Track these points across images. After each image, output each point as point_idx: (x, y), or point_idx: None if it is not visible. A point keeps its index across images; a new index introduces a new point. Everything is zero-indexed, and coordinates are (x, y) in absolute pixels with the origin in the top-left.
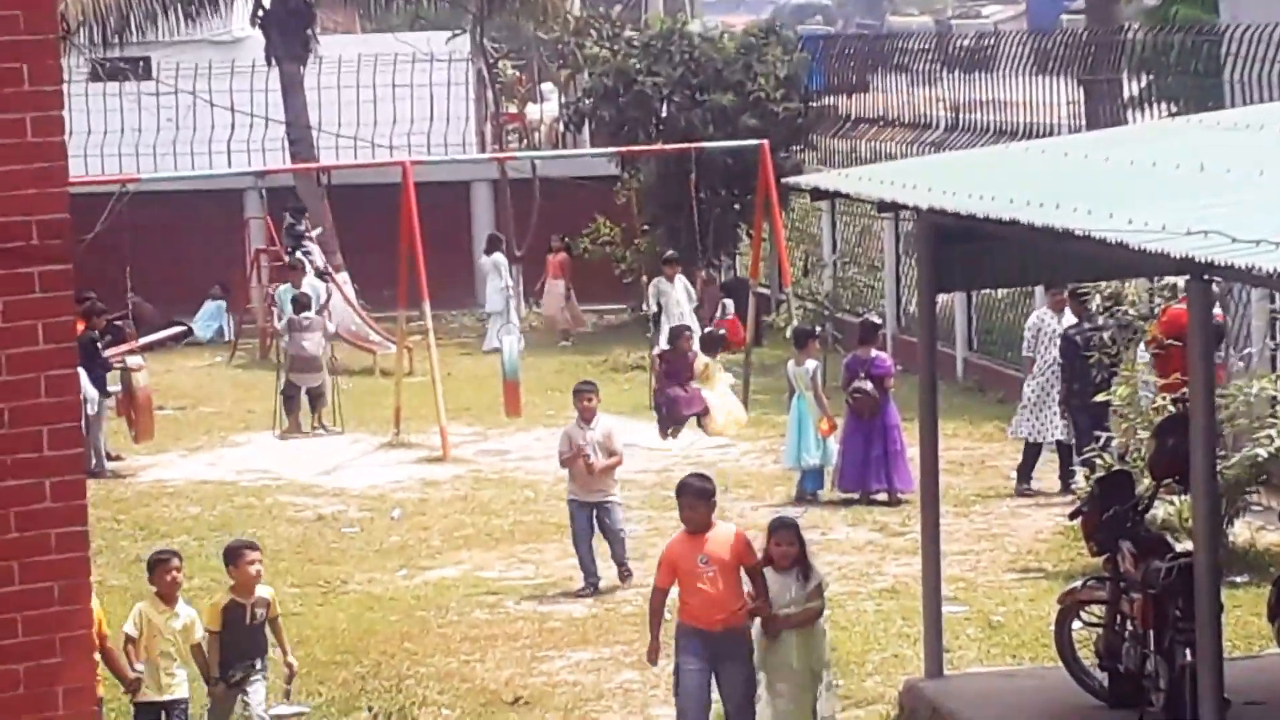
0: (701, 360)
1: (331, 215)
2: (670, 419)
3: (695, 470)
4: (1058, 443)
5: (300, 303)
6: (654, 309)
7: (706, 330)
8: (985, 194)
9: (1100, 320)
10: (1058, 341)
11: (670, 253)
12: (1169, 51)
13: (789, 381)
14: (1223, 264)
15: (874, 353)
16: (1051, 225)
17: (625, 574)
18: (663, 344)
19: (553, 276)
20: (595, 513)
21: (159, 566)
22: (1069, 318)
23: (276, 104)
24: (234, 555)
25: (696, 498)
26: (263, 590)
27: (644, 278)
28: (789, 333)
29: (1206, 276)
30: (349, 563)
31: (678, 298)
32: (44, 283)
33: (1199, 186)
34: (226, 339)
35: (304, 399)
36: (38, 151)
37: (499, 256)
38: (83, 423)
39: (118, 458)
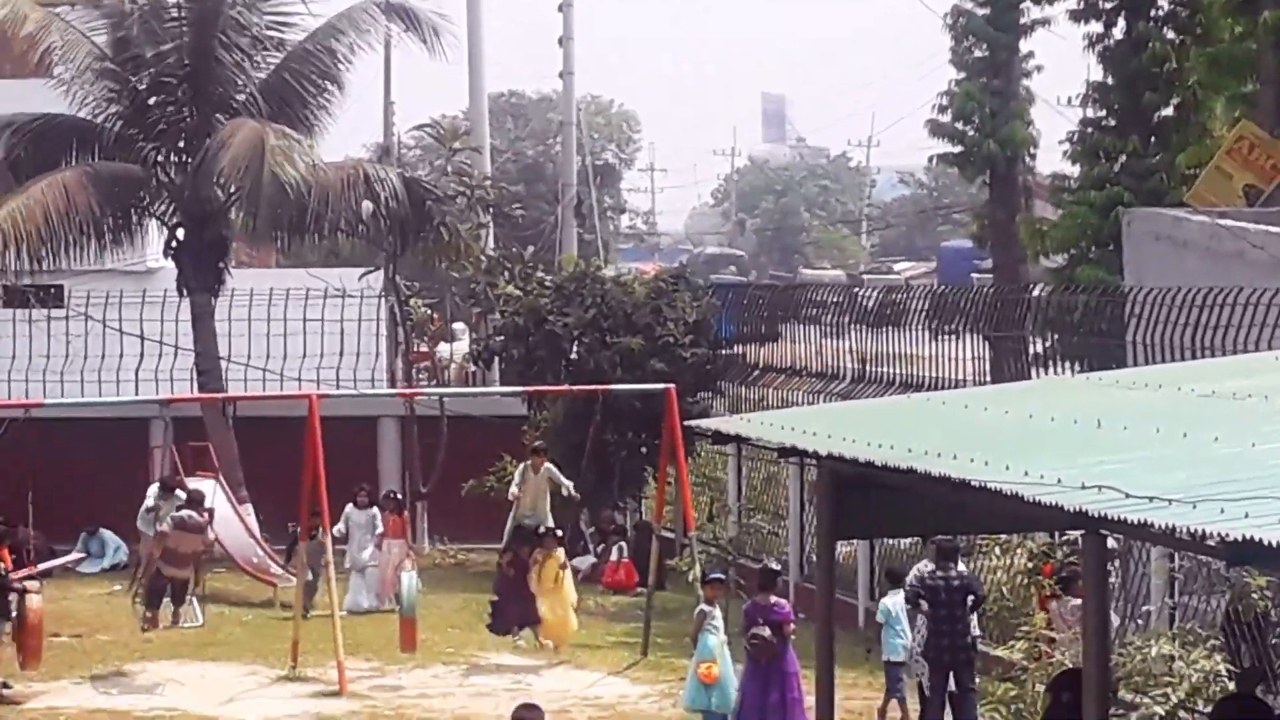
0: (556, 562)
1: (237, 447)
2: (499, 623)
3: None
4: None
5: (194, 499)
6: (515, 494)
7: (543, 530)
8: (884, 442)
9: (954, 571)
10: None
11: (539, 443)
12: (1073, 311)
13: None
14: (1116, 519)
15: (773, 599)
16: (948, 475)
17: None
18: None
19: (391, 536)
20: None
21: None
22: (956, 568)
23: (187, 334)
24: None
25: None
26: None
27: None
28: (691, 577)
29: (1101, 531)
30: None
31: (540, 487)
32: None
33: (1096, 442)
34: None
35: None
36: None
37: (376, 510)
38: None
39: (4, 685)
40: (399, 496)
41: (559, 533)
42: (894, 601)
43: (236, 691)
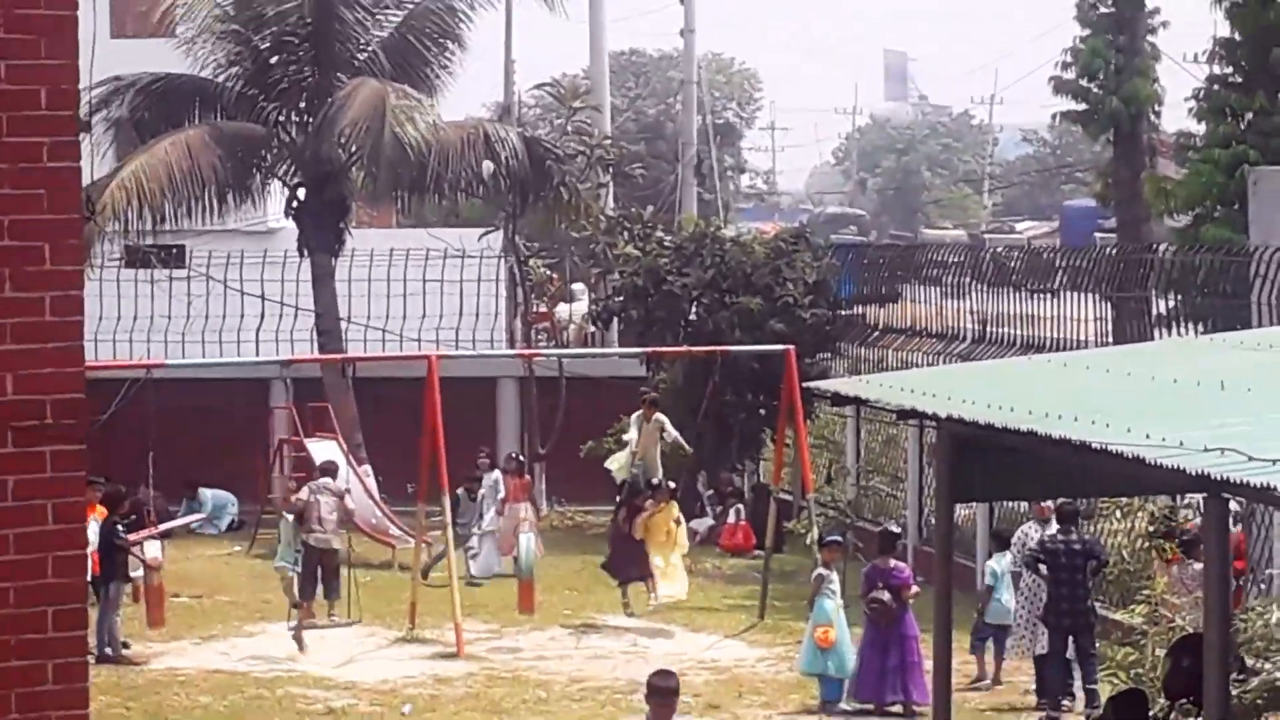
0: (670, 515)
1: (356, 407)
2: (614, 574)
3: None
4: (1036, 658)
5: (326, 470)
6: (632, 438)
7: (656, 481)
8: (1004, 405)
9: (1074, 535)
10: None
11: (652, 395)
12: (1198, 271)
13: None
14: (1238, 482)
15: (893, 563)
16: (1068, 438)
17: None
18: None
19: (514, 499)
20: None
21: None
22: (1053, 528)
23: (307, 294)
24: None
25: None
26: None
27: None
28: (809, 540)
29: (1223, 495)
30: None
31: (651, 438)
32: (56, 463)
33: (1219, 404)
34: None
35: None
36: (56, 330)
37: (499, 475)
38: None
39: (125, 645)
40: (521, 459)
41: (672, 485)
42: (1000, 564)
43: (355, 653)
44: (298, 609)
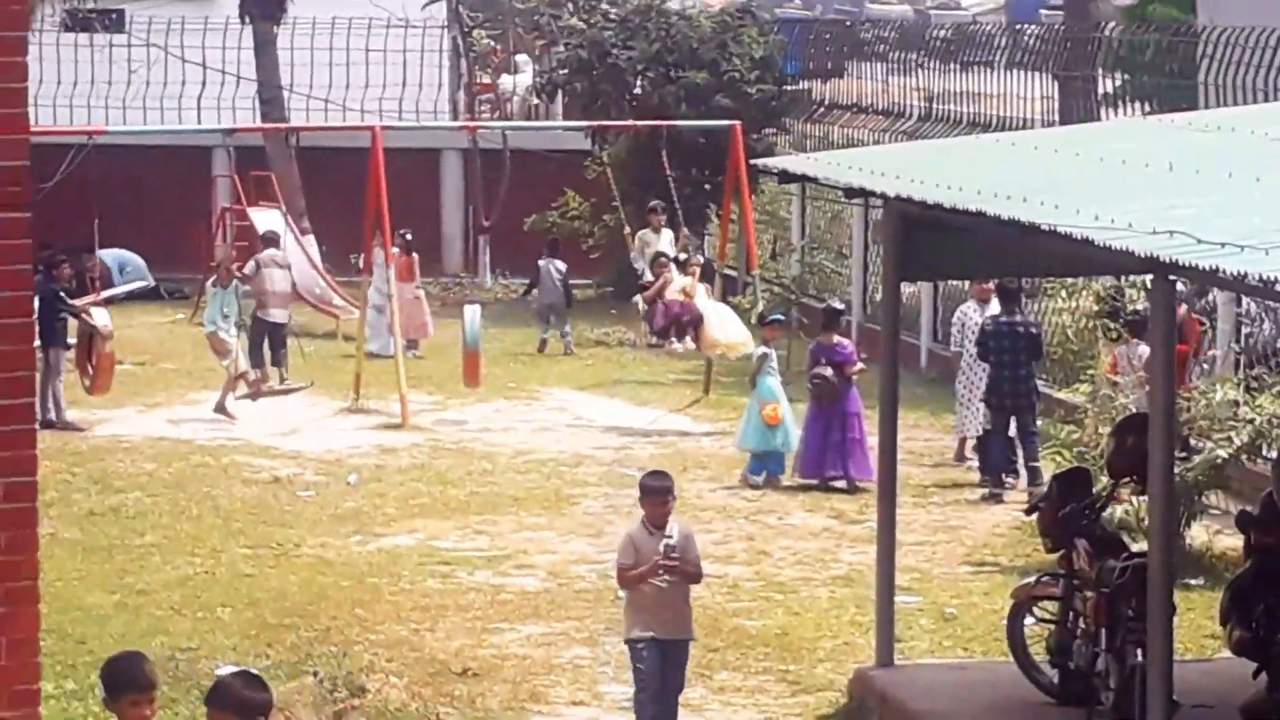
0: (680, 281)
1: (300, 177)
2: (665, 328)
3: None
4: (978, 437)
5: (269, 239)
6: (639, 263)
7: (683, 257)
8: (953, 184)
9: (1018, 316)
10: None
11: (655, 201)
12: (1145, 50)
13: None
14: (1186, 264)
15: (836, 339)
16: (1017, 219)
17: None
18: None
19: (399, 279)
20: (668, 656)
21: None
22: (994, 308)
23: (249, 63)
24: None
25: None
26: None
27: (626, 229)
28: (754, 316)
29: (1170, 276)
30: (303, 526)
31: (662, 248)
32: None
33: (1167, 186)
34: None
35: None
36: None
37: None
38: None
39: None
40: (409, 237)
41: (701, 259)
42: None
43: (299, 423)
44: (242, 379)
